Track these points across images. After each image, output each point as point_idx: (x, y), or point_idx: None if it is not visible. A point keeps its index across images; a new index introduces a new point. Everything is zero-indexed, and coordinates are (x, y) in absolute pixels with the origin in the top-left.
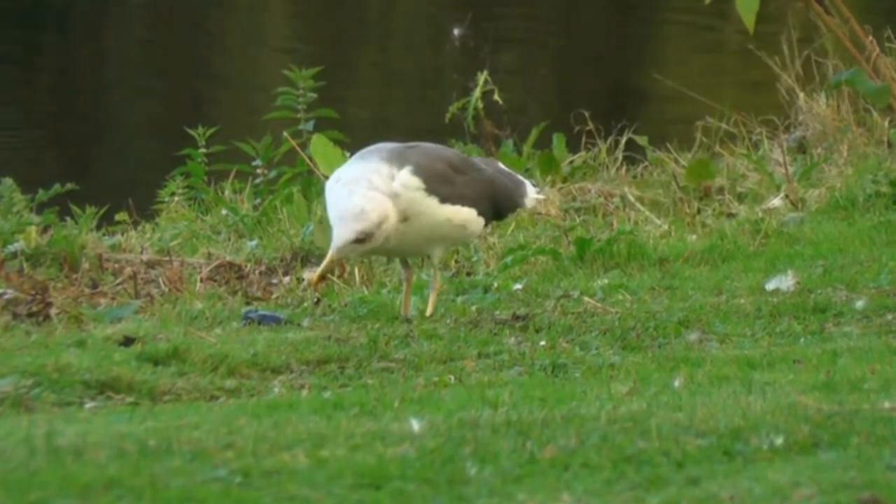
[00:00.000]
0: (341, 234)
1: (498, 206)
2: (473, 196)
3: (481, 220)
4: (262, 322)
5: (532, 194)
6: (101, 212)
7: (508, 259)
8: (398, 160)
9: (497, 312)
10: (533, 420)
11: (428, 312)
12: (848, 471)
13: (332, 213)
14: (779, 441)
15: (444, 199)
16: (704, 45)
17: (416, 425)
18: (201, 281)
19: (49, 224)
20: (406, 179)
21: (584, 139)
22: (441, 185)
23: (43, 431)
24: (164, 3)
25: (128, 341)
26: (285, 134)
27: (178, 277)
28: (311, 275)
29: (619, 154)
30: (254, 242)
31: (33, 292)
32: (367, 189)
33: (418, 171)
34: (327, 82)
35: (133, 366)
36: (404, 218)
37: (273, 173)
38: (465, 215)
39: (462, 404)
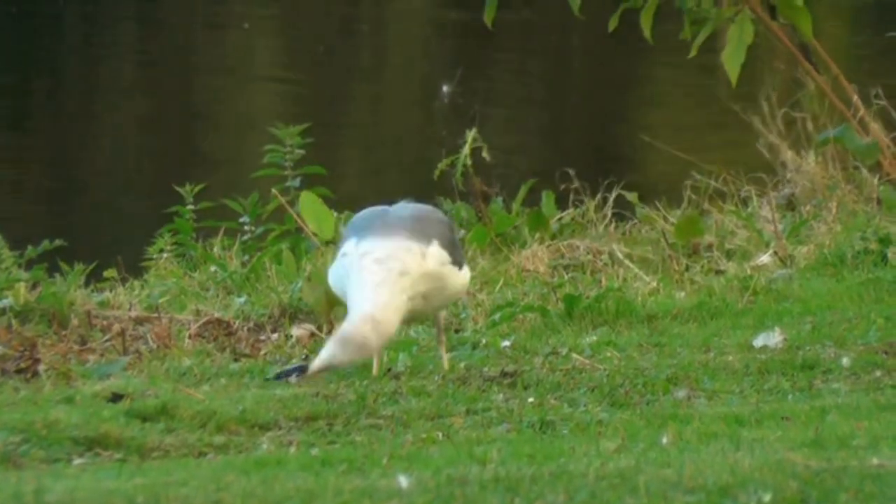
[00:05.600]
0: (336, 355)
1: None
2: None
3: None
4: (284, 376)
5: None
6: (90, 268)
7: (497, 316)
8: (423, 235)
9: (485, 369)
10: (521, 477)
11: (446, 367)
12: None
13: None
14: (767, 497)
15: (460, 265)
16: (693, 102)
17: (404, 482)
18: (190, 337)
19: (38, 280)
20: (437, 254)
21: (571, 196)
22: (456, 251)
23: (32, 488)
24: (152, 66)
25: (116, 398)
26: (274, 191)
27: (166, 334)
28: (300, 332)
29: (608, 211)
30: (242, 299)
31: (22, 349)
32: (398, 275)
33: (443, 244)
34: (315, 139)
35: (122, 422)
36: (424, 296)
37: (260, 230)
38: (469, 276)
39: (450, 461)
